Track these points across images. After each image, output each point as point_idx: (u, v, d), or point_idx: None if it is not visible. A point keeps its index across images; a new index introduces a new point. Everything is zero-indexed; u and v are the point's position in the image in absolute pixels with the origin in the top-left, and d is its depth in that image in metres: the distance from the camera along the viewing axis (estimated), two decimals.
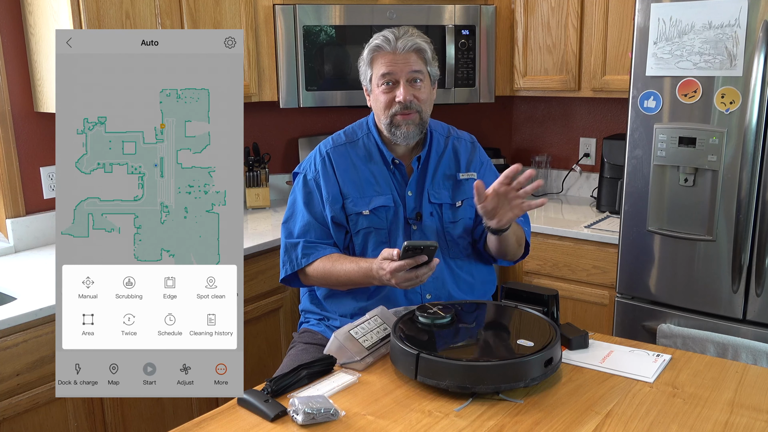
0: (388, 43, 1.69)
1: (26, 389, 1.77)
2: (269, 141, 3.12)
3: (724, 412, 1.28)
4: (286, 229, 1.80)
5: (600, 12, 2.69)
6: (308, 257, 1.74)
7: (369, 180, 1.77)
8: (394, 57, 1.69)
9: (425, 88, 1.73)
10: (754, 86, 1.99)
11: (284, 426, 1.24)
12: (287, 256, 1.77)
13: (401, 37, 1.69)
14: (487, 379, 1.31)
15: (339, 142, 1.81)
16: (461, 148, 1.86)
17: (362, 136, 1.82)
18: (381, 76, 1.71)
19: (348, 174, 1.77)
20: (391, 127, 1.73)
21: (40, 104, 2.35)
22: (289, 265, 1.76)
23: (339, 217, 1.75)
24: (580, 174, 3.24)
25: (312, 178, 1.79)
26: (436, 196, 1.79)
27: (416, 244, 1.48)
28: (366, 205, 1.75)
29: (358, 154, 1.79)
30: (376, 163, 1.79)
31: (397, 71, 1.69)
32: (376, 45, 1.71)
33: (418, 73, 1.71)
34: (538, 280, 2.72)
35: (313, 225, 1.76)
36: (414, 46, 1.70)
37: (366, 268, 1.63)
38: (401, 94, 1.69)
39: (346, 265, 1.68)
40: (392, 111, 1.71)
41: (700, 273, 2.19)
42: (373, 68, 1.73)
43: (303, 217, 1.77)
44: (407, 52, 1.69)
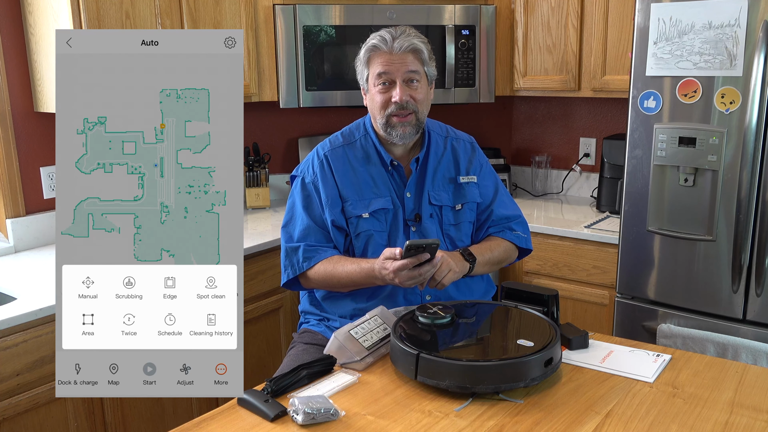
0: (384, 42, 1.69)
1: (26, 389, 1.77)
2: (269, 141, 3.12)
3: (724, 412, 1.28)
4: (286, 233, 1.79)
5: (600, 12, 2.69)
6: (309, 261, 1.73)
7: (367, 182, 1.77)
8: (390, 57, 1.69)
9: (422, 89, 1.73)
10: (754, 86, 1.99)
11: (284, 426, 1.24)
12: (288, 261, 1.76)
13: (398, 37, 1.69)
14: (487, 379, 1.31)
15: (336, 144, 1.81)
16: (460, 150, 1.86)
17: (360, 137, 1.81)
18: (377, 75, 1.70)
19: (346, 176, 1.76)
20: (387, 127, 1.72)
21: (40, 104, 2.35)
22: (290, 270, 1.76)
23: (339, 220, 1.75)
24: (580, 174, 3.24)
25: (310, 181, 1.78)
26: (437, 198, 1.79)
27: (418, 242, 1.48)
28: (365, 208, 1.74)
29: (356, 156, 1.79)
30: (375, 165, 1.78)
31: (394, 71, 1.69)
32: (372, 45, 1.71)
33: (414, 74, 1.70)
34: (538, 280, 2.72)
35: (312, 229, 1.75)
36: (411, 46, 1.69)
37: (368, 268, 1.63)
38: (397, 95, 1.68)
39: (347, 267, 1.68)
40: (388, 111, 1.70)
41: (700, 273, 2.19)
42: (370, 68, 1.72)
43: (302, 221, 1.76)
44: (404, 52, 1.69)
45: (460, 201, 1.81)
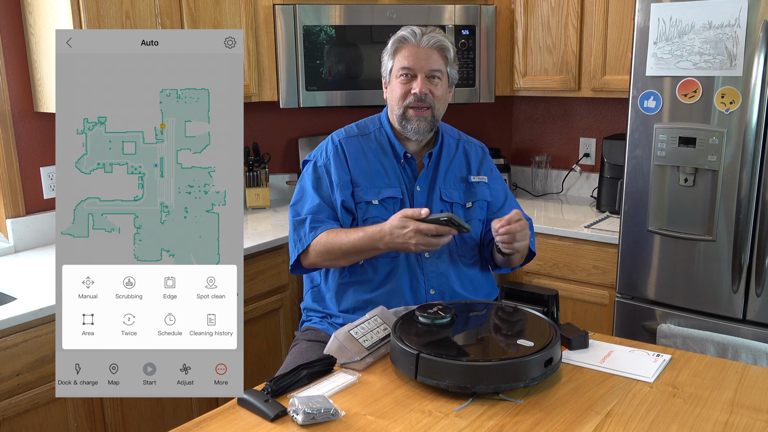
0: (414, 35, 1.73)
1: (26, 389, 1.77)
2: (269, 141, 3.12)
3: (724, 412, 1.28)
4: (294, 210, 1.79)
5: (600, 12, 2.69)
6: (315, 230, 1.72)
7: (379, 172, 1.78)
8: (417, 50, 1.72)
9: (442, 87, 1.76)
10: (754, 86, 1.99)
11: (284, 426, 1.24)
12: (296, 234, 1.75)
13: (427, 33, 1.73)
14: (487, 379, 1.31)
15: (351, 134, 1.83)
16: (471, 152, 1.89)
17: (374, 130, 1.84)
18: (401, 67, 1.73)
19: (359, 163, 1.78)
20: (402, 120, 1.75)
21: (40, 104, 2.35)
22: (299, 244, 1.74)
23: (348, 202, 1.75)
24: (580, 174, 3.24)
25: (322, 164, 1.80)
26: (448, 195, 1.80)
27: (457, 220, 1.52)
28: (375, 195, 1.76)
29: (370, 147, 1.81)
30: (388, 157, 1.80)
31: (418, 65, 1.72)
32: (401, 36, 1.74)
33: (437, 71, 1.74)
34: (538, 280, 2.72)
35: (322, 207, 1.76)
36: (438, 43, 1.73)
37: (375, 230, 1.62)
38: (417, 86, 1.71)
39: (351, 234, 1.67)
40: (406, 102, 1.73)
41: (700, 273, 2.19)
42: (395, 59, 1.75)
43: (312, 200, 1.77)
44: (430, 48, 1.73)
45: (471, 199, 1.83)
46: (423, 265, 1.76)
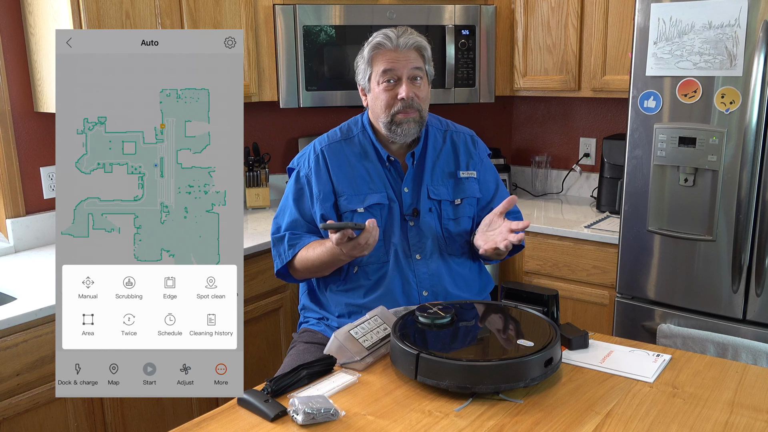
0: (389, 40, 1.70)
1: (26, 389, 1.77)
2: (269, 141, 3.12)
3: (724, 412, 1.28)
4: (275, 224, 1.82)
5: (600, 12, 2.69)
6: (294, 248, 1.75)
7: (364, 177, 1.77)
8: (396, 54, 1.70)
9: (424, 87, 1.75)
10: (754, 86, 1.99)
11: (284, 426, 1.24)
12: (276, 251, 1.79)
13: (402, 35, 1.71)
14: (487, 379, 1.31)
15: (334, 139, 1.82)
16: (460, 144, 1.86)
17: (357, 132, 1.82)
18: (383, 73, 1.71)
19: (342, 171, 1.77)
20: (391, 126, 1.73)
21: (40, 104, 2.35)
22: (278, 259, 1.78)
23: (329, 214, 1.75)
24: (580, 174, 3.24)
25: (304, 175, 1.80)
26: (436, 192, 1.79)
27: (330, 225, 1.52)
28: (360, 203, 1.75)
29: (354, 151, 1.80)
30: (371, 161, 1.79)
31: (399, 68, 1.70)
32: (377, 42, 1.72)
33: (418, 71, 1.72)
34: (538, 280, 2.72)
35: (299, 223, 1.77)
36: (415, 43, 1.72)
37: (330, 246, 1.63)
38: (404, 91, 1.69)
39: (317, 249, 1.69)
40: (394, 109, 1.71)
41: (700, 273, 2.19)
42: (374, 66, 1.73)
43: (291, 213, 1.79)
44: (408, 49, 1.71)
45: (460, 196, 1.81)
46: (414, 267, 1.75)
